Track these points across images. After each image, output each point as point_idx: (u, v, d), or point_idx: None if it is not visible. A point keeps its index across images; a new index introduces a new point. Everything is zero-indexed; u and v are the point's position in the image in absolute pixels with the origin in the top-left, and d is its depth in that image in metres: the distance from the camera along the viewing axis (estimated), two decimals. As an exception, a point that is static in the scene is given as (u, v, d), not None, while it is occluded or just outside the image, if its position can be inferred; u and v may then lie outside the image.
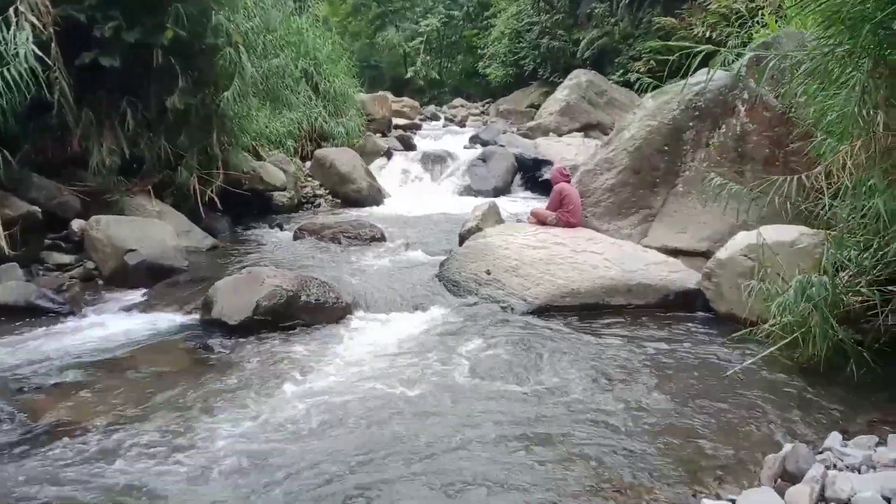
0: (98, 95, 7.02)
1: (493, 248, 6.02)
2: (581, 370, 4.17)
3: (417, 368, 4.24)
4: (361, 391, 3.88)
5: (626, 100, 16.52)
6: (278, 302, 4.86)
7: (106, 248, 6.11)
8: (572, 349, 4.52)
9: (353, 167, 11.54)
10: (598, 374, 4.10)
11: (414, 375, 4.13)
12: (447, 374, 4.14)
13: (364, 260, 7.04)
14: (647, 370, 4.15)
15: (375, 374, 4.15)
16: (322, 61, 13.73)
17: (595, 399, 3.76)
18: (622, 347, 4.56)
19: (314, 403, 3.67)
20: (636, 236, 7.00)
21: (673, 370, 4.14)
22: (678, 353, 4.47)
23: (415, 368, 4.25)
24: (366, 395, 3.83)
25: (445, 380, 4.06)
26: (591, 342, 4.64)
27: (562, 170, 6.86)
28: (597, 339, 4.71)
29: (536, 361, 4.34)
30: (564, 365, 4.26)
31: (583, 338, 4.73)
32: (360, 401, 3.73)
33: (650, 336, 4.79)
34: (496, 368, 4.24)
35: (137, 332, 4.80)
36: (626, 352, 4.48)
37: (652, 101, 7.45)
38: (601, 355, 4.41)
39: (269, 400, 3.74)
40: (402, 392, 3.88)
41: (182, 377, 4.04)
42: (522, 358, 4.40)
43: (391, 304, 5.58)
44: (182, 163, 7.66)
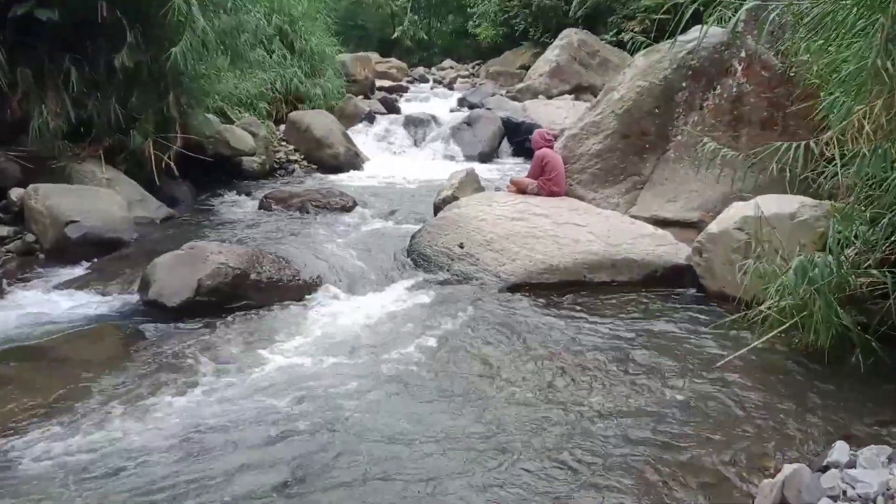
0: (37, 53, 6.39)
1: (468, 219, 5.53)
2: (551, 358, 3.75)
3: (373, 358, 3.81)
4: (307, 386, 3.44)
5: (619, 61, 15.81)
6: (223, 281, 4.38)
7: (45, 220, 5.59)
8: (545, 333, 4.08)
9: (329, 131, 10.95)
10: (569, 364, 3.67)
11: (369, 366, 3.71)
12: (407, 366, 3.70)
13: (331, 231, 6.54)
14: (625, 359, 3.72)
15: (326, 366, 3.71)
16: (297, 18, 12.96)
17: (563, 394, 3.34)
18: (600, 331, 4.13)
19: (243, 407, 3.22)
20: (624, 205, 6.54)
21: (654, 359, 3.71)
22: (662, 338, 4.04)
23: (371, 357, 3.82)
24: (312, 390, 3.40)
25: (404, 373, 3.62)
26: (566, 325, 4.21)
27: (544, 134, 6.33)
28: (573, 321, 4.28)
29: (504, 348, 3.91)
30: (534, 353, 3.84)
31: (558, 320, 4.29)
32: (304, 398, 3.30)
33: (632, 317, 4.36)
34: (460, 357, 3.80)
35: (66, 314, 4.33)
36: (604, 336, 4.05)
37: (643, 59, 6.91)
38: (576, 340, 3.97)
39: (196, 398, 3.29)
40: (354, 387, 3.44)
41: (104, 369, 3.57)
42: (489, 345, 3.96)
43: (354, 281, 5.12)
44: (135, 126, 7.07)
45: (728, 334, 3.91)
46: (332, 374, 3.60)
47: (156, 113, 7.25)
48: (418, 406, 3.25)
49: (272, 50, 12.29)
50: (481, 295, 4.72)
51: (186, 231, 6.46)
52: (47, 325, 4.13)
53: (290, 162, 10.74)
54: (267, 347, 3.89)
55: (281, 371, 3.61)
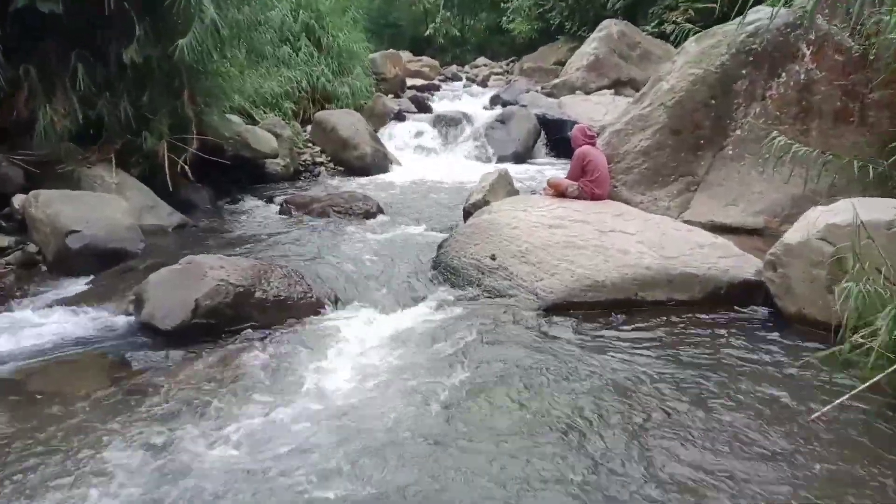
0: (42, 49, 6.04)
1: (500, 226, 4.94)
2: (601, 396, 3.13)
3: (389, 393, 3.25)
4: (312, 430, 2.91)
5: (662, 53, 14.96)
6: (223, 301, 3.88)
7: (46, 229, 5.20)
8: (591, 364, 3.46)
9: (356, 131, 10.46)
10: (623, 405, 3.05)
11: (383, 403, 3.15)
12: (427, 404, 3.13)
13: (352, 239, 6.03)
14: (693, 401, 3.08)
15: (333, 404, 3.17)
16: (325, 13, 12.52)
17: (614, 443, 2.72)
18: (658, 363, 3.48)
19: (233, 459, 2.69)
20: (675, 209, 5.87)
21: (729, 401, 3.06)
22: (735, 373, 3.37)
23: (386, 393, 3.27)
24: (316, 435, 2.86)
25: (423, 412, 3.06)
26: (617, 355, 3.57)
27: (585, 129, 5.69)
28: (625, 350, 3.64)
29: (542, 382, 3.30)
30: (577, 388, 3.22)
31: (606, 348, 3.66)
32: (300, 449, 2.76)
33: (696, 346, 3.69)
34: (492, 394, 3.21)
35: (54, 338, 3.88)
36: (663, 370, 3.41)
37: (695, 45, 6.22)
38: (631, 376, 3.34)
39: (183, 444, 2.78)
40: (367, 428, 2.91)
41: (86, 404, 3.11)
42: (524, 376, 3.36)
43: (373, 298, 4.59)
44: (148, 127, 6.68)
45: (815, 372, 3.23)
46: (339, 415, 3.06)
47: (170, 113, 6.84)
48: (447, 455, 2.68)
49: (299, 47, 11.90)
50: (516, 316, 4.12)
51: (198, 240, 6.02)
52: (30, 350, 3.69)
53: (315, 164, 10.30)
54: (265, 382, 3.37)
55: (277, 418, 3.06)
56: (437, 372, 3.49)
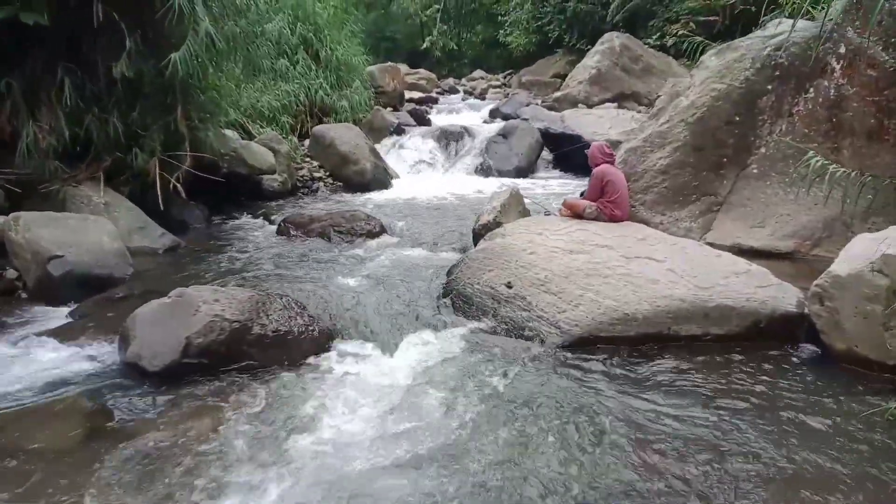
0: (26, 62, 5.70)
1: (516, 251, 4.60)
2: (640, 448, 2.79)
3: (400, 446, 2.90)
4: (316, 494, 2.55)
5: (664, 66, 14.83)
6: (217, 339, 3.52)
7: (26, 254, 4.84)
8: (626, 410, 3.11)
9: (355, 146, 10.14)
10: (666, 461, 2.70)
11: (397, 457, 2.80)
12: (441, 454, 2.78)
13: (355, 263, 5.68)
14: (745, 456, 2.74)
15: (340, 459, 2.81)
16: (323, 26, 12.25)
17: None
18: (699, 410, 3.14)
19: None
20: (698, 231, 5.55)
21: (784, 457, 2.72)
22: (780, 422, 3.03)
23: (399, 444, 2.91)
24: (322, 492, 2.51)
25: (436, 464, 2.70)
26: (652, 399, 3.23)
27: (603, 147, 5.38)
28: (661, 392, 3.29)
29: (570, 428, 2.96)
30: (615, 440, 2.88)
31: (640, 390, 3.32)
32: None
33: (736, 389, 3.35)
34: (515, 444, 2.87)
35: (30, 378, 3.51)
36: (706, 418, 3.06)
37: (716, 59, 5.93)
38: (670, 425, 2.99)
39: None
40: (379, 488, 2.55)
41: (55, 461, 2.74)
42: (550, 423, 3.02)
43: (380, 331, 4.23)
44: (139, 144, 6.34)
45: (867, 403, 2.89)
46: (342, 475, 2.70)
47: (162, 129, 6.51)
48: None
49: (296, 60, 11.62)
50: (537, 351, 3.78)
51: (190, 264, 5.66)
52: (7, 392, 3.31)
53: (313, 180, 9.97)
54: (262, 436, 3.00)
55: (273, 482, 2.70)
56: (453, 417, 3.15)
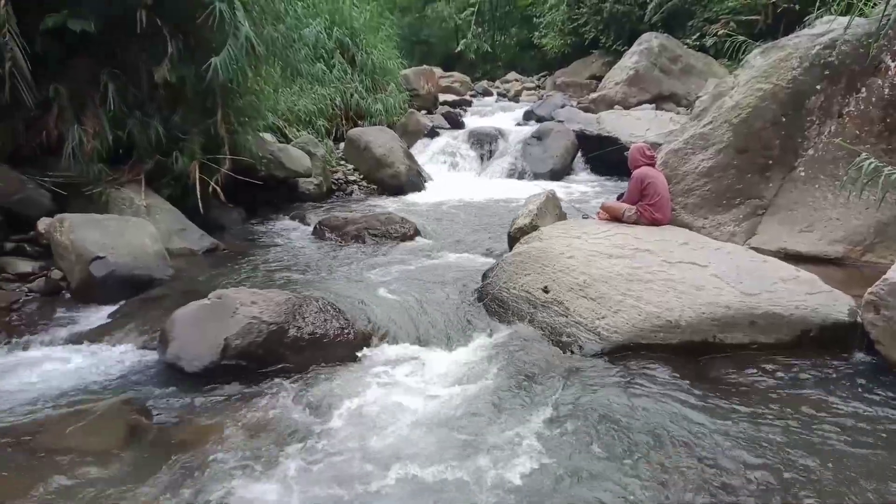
0: (73, 68, 5.85)
1: (553, 255, 4.52)
2: (678, 461, 2.69)
3: (435, 450, 2.86)
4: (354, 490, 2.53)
5: (704, 66, 14.51)
6: (255, 340, 3.53)
7: (70, 255, 4.95)
8: (667, 421, 3.00)
9: (390, 149, 10.17)
10: (706, 481, 2.59)
11: (429, 464, 2.75)
12: (477, 461, 2.73)
13: (390, 266, 5.66)
14: (788, 475, 2.61)
15: (378, 458, 2.79)
16: (359, 30, 12.33)
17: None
18: (745, 420, 3.01)
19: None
20: (742, 235, 5.38)
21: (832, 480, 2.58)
22: (834, 438, 2.88)
23: (432, 449, 2.87)
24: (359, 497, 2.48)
25: (473, 470, 2.65)
26: (700, 410, 3.11)
27: (643, 149, 5.25)
28: (709, 405, 3.17)
29: (606, 442, 2.87)
30: (653, 450, 2.78)
31: (686, 401, 3.20)
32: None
33: (787, 401, 3.20)
34: (550, 449, 2.79)
35: (72, 379, 3.58)
36: (751, 427, 2.93)
37: (761, 58, 5.74)
38: (713, 438, 2.87)
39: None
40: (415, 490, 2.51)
41: (98, 462, 2.78)
42: (589, 431, 2.94)
43: (415, 334, 4.20)
44: (179, 147, 6.44)
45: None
46: (382, 473, 2.66)
47: (202, 132, 6.60)
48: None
49: (332, 64, 11.72)
50: (575, 359, 3.69)
51: (228, 265, 5.72)
52: (46, 394, 3.38)
53: (348, 183, 10.03)
54: (299, 436, 2.99)
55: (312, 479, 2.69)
56: (489, 423, 3.10)
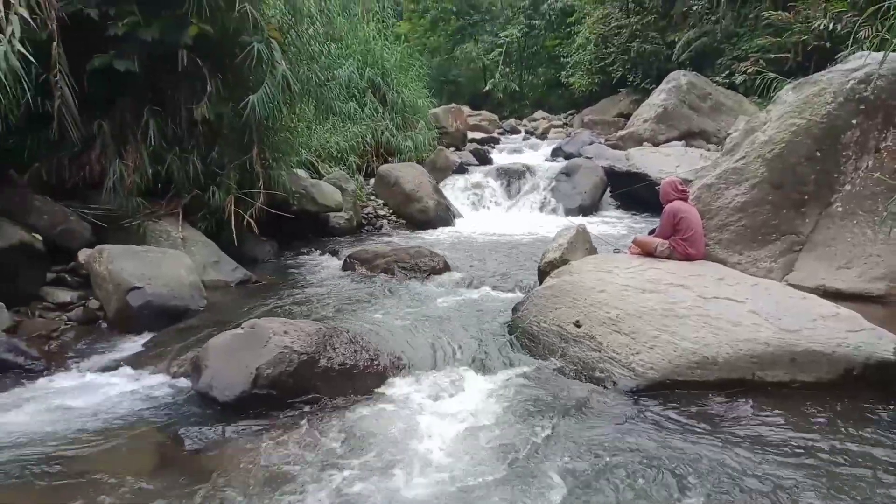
0: (116, 105, 6.09)
1: (584, 289, 4.47)
2: None
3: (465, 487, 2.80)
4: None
5: (734, 104, 14.46)
6: (286, 370, 3.54)
7: (108, 285, 5.06)
8: (706, 462, 2.90)
9: (419, 184, 10.29)
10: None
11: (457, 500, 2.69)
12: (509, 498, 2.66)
13: (419, 299, 5.67)
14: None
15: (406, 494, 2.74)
16: (390, 70, 12.64)
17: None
18: (789, 465, 2.88)
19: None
20: (778, 271, 5.26)
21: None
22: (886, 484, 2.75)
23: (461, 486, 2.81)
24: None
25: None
26: (737, 451, 2.99)
27: (675, 184, 5.22)
28: (748, 444, 3.06)
29: (642, 483, 2.77)
30: (690, 493, 2.68)
31: (726, 440, 3.09)
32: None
33: (830, 442, 3.07)
34: (584, 491, 2.71)
35: (107, 407, 3.62)
36: (796, 473, 2.81)
37: (794, 93, 5.70)
38: (755, 482, 2.76)
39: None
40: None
41: (132, 489, 2.78)
42: (620, 473, 2.84)
43: (444, 367, 4.16)
44: (216, 182, 6.61)
45: None
46: None
47: (238, 167, 6.79)
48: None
49: (364, 103, 12.00)
50: (609, 396, 3.61)
51: (260, 297, 5.78)
52: (77, 424, 3.41)
53: (378, 217, 10.15)
54: (328, 468, 2.96)
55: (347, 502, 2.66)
56: (520, 458, 3.03)
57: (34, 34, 4.93)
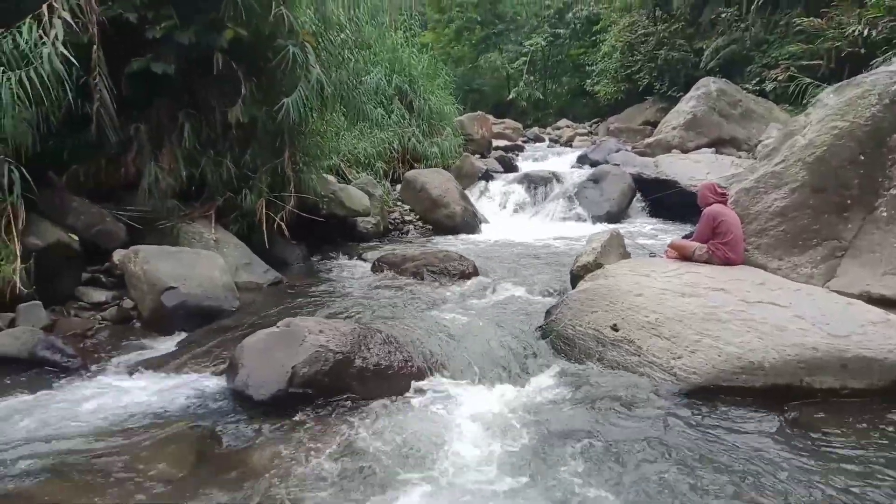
0: (153, 108, 6.17)
1: (621, 292, 4.39)
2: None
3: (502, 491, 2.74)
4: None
5: (764, 111, 14.23)
6: (322, 369, 3.52)
7: (143, 285, 5.10)
8: (758, 472, 2.80)
9: (445, 190, 10.27)
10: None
11: None
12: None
13: (450, 302, 5.62)
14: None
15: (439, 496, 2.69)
16: (417, 77, 12.69)
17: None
18: (843, 476, 2.78)
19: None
20: (820, 277, 5.11)
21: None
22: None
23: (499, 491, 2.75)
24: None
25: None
26: (791, 461, 2.89)
27: (714, 187, 5.12)
28: (799, 453, 2.95)
29: (689, 493, 2.68)
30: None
31: (777, 451, 2.98)
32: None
33: (887, 452, 2.96)
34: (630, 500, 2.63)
35: (142, 404, 3.62)
36: (851, 487, 2.70)
37: (835, 96, 5.57)
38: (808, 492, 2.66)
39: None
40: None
41: (168, 487, 2.77)
42: (667, 481, 2.75)
43: (478, 369, 4.10)
44: (248, 185, 6.66)
45: None
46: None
47: (270, 171, 6.82)
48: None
49: (391, 110, 12.05)
50: (651, 400, 3.52)
51: (292, 299, 5.79)
52: (113, 421, 3.42)
53: (404, 223, 10.15)
54: (366, 465, 2.93)
55: None
56: (558, 465, 2.96)
57: (76, 37, 5.01)
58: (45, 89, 4.68)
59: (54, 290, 5.15)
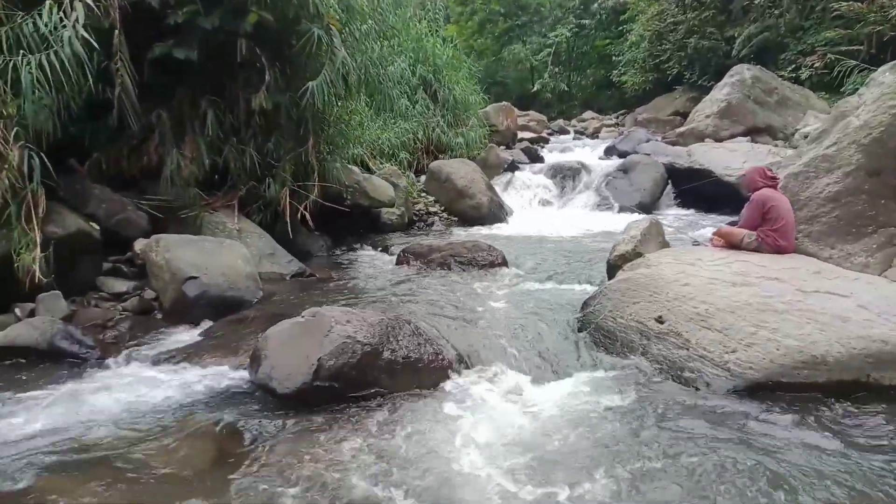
0: (175, 94, 6.03)
1: (665, 282, 4.12)
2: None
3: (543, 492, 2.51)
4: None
5: (801, 98, 13.71)
6: (349, 361, 3.32)
7: (164, 275, 4.96)
8: (824, 476, 2.53)
9: (471, 181, 10.03)
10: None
11: None
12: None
13: (479, 294, 5.39)
14: None
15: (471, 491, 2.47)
16: (441, 67, 12.45)
17: None
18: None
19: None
20: (876, 267, 4.77)
21: None
22: None
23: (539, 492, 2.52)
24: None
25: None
26: (860, 462, 2.62)
27: (763, 171, 4.81)
28: (870, 454, 2.68)
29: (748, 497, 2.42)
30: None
31: (845, 452, 2.71)
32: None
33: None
34: None
35: (163, 397, 3.47)
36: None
37: (891, 74, 5.21)
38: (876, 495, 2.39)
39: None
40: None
41: (188, 484, 2.61)
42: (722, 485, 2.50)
43: (512, 364, 3.88)
44: (272, 174, 6.50)
45: None
46: None
47: (293, 160, 6.65)
48: None
49: (416, 100, 11.84)
50: (702, 397, 3.26)
51: (316, 289, 5.62)
52: (133, 414, 3.26)
53: (429, 214, 9.93)
54: (394, 460, 2.73)
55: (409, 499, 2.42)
56: (601, 464, 2.72)
57: (97, 22, 4.87)
58: (65, 74, 4.55)
59: (74, 279, 5.02)
